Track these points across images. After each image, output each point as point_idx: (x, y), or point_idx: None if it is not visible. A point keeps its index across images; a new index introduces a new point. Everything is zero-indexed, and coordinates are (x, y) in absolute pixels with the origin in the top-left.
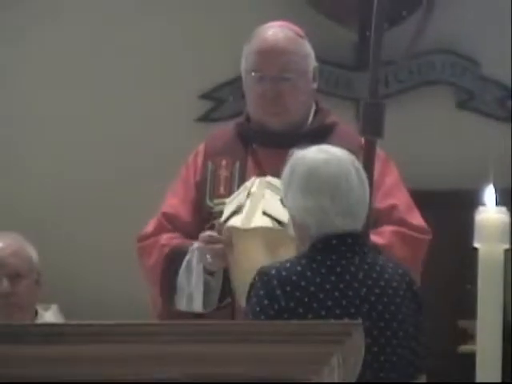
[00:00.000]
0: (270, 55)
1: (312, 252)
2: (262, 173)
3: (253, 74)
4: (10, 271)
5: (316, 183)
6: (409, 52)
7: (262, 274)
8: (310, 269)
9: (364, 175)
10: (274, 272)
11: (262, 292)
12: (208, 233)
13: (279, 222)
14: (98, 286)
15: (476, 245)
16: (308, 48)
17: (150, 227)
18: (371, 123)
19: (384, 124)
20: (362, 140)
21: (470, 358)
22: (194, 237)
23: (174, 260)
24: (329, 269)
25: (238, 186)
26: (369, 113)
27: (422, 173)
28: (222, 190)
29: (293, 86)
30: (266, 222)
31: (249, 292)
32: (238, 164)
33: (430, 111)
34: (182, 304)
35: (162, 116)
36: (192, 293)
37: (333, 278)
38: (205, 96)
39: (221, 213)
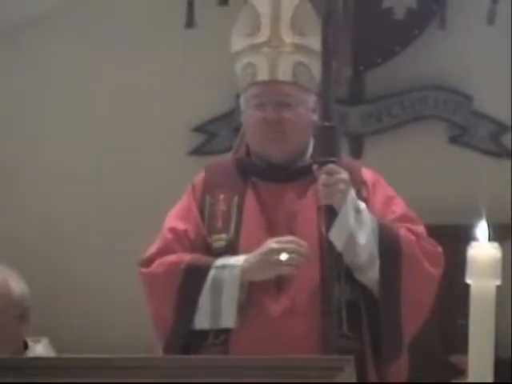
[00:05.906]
0: (271, 83)
1: None
2: (261, 206)
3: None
4: None
5: None
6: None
7: None
8: None
9: None
10: None
11: None
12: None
13: None
14: (94, 320)
15: (468, 280)
16: None
17: (153, 248)
18: (325, 146)
19: (338, 146)
20: (364, 173)
21: None
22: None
23: (193, 276)
24: None
25: (236, 221)
26: (322, 136)
27: (413, 207)
28: (219, 224)
29: (294, 113)
30: None
31: None
32: (236, 198)
33: (423, 146)
34: (204, 322)
35: (155, 149)
36: (221, 308)
37: None
38: (197, 129)
39: (219, 249)
